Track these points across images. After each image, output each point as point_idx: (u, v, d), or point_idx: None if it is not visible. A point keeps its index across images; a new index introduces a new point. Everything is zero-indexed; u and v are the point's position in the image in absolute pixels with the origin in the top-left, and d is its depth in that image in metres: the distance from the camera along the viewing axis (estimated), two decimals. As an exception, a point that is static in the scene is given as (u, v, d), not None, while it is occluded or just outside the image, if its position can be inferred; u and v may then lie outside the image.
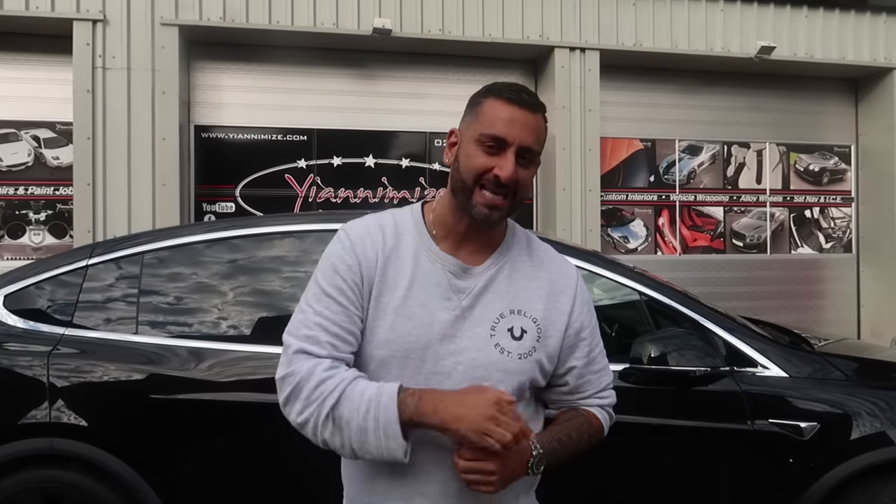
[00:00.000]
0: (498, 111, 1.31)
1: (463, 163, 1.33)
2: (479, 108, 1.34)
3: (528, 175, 1.34)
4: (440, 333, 1.31)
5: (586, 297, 1.46)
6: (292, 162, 6.06)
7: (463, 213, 1.35)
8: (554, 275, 1.43)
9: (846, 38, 6.75)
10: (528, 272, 1.41)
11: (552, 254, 1.48)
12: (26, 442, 2.48)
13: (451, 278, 1.35)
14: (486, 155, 1.30)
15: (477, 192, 1.32)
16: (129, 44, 5.46)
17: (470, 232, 1.37)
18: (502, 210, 1.33)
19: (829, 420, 2.45)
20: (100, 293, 2.68)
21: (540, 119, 1.34)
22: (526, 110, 1.31)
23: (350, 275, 1.33)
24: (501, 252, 1.40)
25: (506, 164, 1.29)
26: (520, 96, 1.32)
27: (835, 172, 7.25)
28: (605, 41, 6.24)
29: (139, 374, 2.54)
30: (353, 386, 1.26)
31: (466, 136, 1.34)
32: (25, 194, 5.66)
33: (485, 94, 1.35)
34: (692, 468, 2.50)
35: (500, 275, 1.38)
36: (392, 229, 1.39)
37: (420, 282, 1.34)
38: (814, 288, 7.15)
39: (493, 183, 1.30)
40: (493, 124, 1.30)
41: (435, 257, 1.36)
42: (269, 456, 2.47)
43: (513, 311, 1.36)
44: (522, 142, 1.31)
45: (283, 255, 2.78)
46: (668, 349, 2.37)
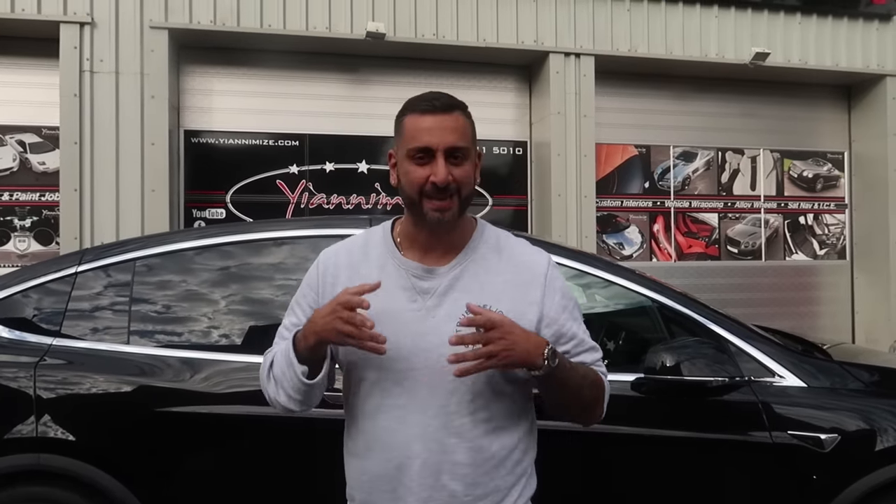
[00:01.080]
0: (416, 124, 1.40)
1: (403, 180, 1.43)
2: (402, 127, 1.44)
3: (464, 172, 1.42)
4: (409, 333, 1.39)
5: (559, 285, 1.49)
6: (284, 167, 5.97)
7: (421, 223, 1.44)
8: (520, 267, 1.47)
9: (839, 44, 6.76)
10: (494, 268, 1.46)
11: (521, 247, 1.53)
12: (12, 458, 2.37)
13: (416, 281, 1.43)
14: (419, 167, 1.40)
15: (425, 202, 1.40)
16: (118, 47, 5.37)
17: (432, 239, 1.46)
18: (452, 210, 1.41)
19: (851, 431, 2.38)
20: (89, 301, 2.58)
21: (457, 116, 1.42)
22: (440, 114, 1.40)
23: (310, 292, 1.50)
24: (466, 252, 1.47)
25: (438, 169, 1.38)
26: (431, 104, 1.41)
27: (828, 179, 7.26)
28: (600, 47, 6.22)
29: (130, 386, 2.44)
30: (279, 348, 1.47)
31: (400, 156, 1.45)
32: (10, 200, 5.53)
33: (402, 112, 1.45)
34: (708, 482, 2.43)
35: (465, 273, 1.44)
36: (361, 245, 1.52)
37: (386, 287, 1.40)
38: (808, 294, 7.15)
39: (434, 189, 1.39)
40: (415, 137, 1.40)
41: (399, 263, 1.46)
42: (265, 470, 2.38)
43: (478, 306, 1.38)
44: (447, 144, 1.39)
45: (278, 262, 2.70)
46: (682, 358, 2.30)
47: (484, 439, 1.40)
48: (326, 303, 1.37)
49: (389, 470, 1.40)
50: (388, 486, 1.41)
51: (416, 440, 1.39)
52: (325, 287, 1.48)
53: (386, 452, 1.41)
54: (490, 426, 1.41)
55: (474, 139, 1.47)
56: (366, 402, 1.44)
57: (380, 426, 1.42)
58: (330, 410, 1.91)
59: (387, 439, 1.41)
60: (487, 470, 1.40)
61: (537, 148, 6.33)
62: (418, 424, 1.39)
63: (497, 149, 6.35)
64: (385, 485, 1.41)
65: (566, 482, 2.26)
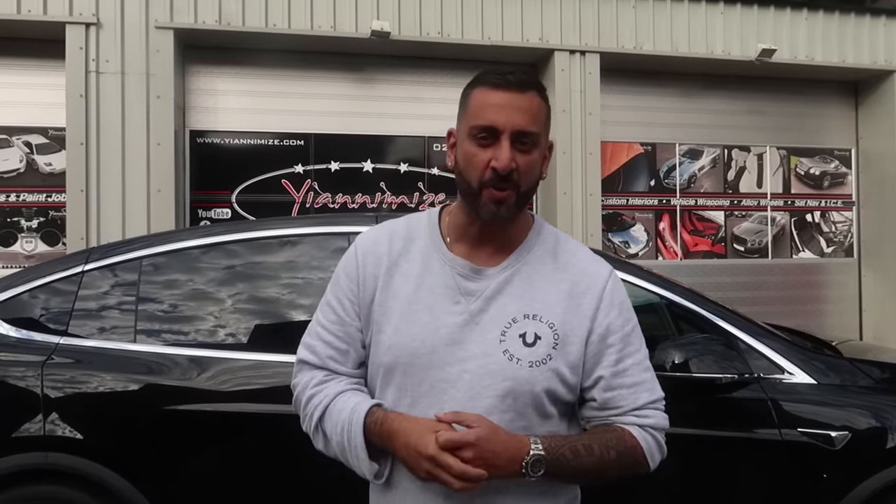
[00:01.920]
0: (485, 99, 1.24)
1: (462, 163, 1.27)
2: (468, 100, 1.27)
3: (529, 161, 1.25)
4: (447, 339, 1.24)
5: (617, 300, 1.31)
6: (289, 167, 5.97)
7: (474, 215, 1.28)
8: (578, 276, 1.31)
9: (846, 40, 6.73)
10: (549, 274, 1.30)
11: (581, 254, 1.36)
12: (20, 456, 2.38)
13: (461, 280, 1.28)
14: (481, 149, 1.23)
15: (484, 192, 1.24)
16: (123, 47, 5.36)
17: (484, 234, 1.30)
18: (509, 204, 1.24)
19: (862, 429, 2.37)
20: (96, 300, 2.58)
21: (533, 97, 1.25)
22: (513, 91, 1.23)
23: (349, 284, 1.33)
24: (520, 253, 1.31)
25: (501, 153, 1.21)
26: (505, 78, 1.23)
27: (836, 176, 7.22)
28: (606, 44, 6.20)
29: (137, 385, 2.45)
30: (334, 402, 1.28)
31: (461, 134, 1.28)
32: (17, 201, 5.54)
33: (472, 84, 1.28)
34: (717, 479, 2.42)
35: (517, 276, 1.28)
36: (403, 234, 1.35)
37: (428, 285, 1.28)
38: (815, 292, 7.11)
39: (493, 176, 1.22)
40: (482, 114, 1.23)
41: (444, 259, 1.30)
42: (273, 468, 2.38)
43: (527, 316, 1.26)
44: (515, 126, 1.22)
45: (284, 260, 2.70)
46: (691, 355, 2.29)
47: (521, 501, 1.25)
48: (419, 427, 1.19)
49: (413, 489, 1.25)
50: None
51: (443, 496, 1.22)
52: (367, 279, 1.32)
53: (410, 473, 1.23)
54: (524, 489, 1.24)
55: (548, 126, 1.29)
56: None
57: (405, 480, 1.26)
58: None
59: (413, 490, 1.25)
60: (526, 498, 1.25)
61: (543, 146, 6.30)
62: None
63: (502, 147, 6.33)
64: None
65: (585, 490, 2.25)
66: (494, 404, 1.22)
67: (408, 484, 1.26)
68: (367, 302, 1.32)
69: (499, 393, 1.22)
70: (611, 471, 1.27)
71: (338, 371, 1.33)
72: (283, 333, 2.52)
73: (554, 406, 1.27)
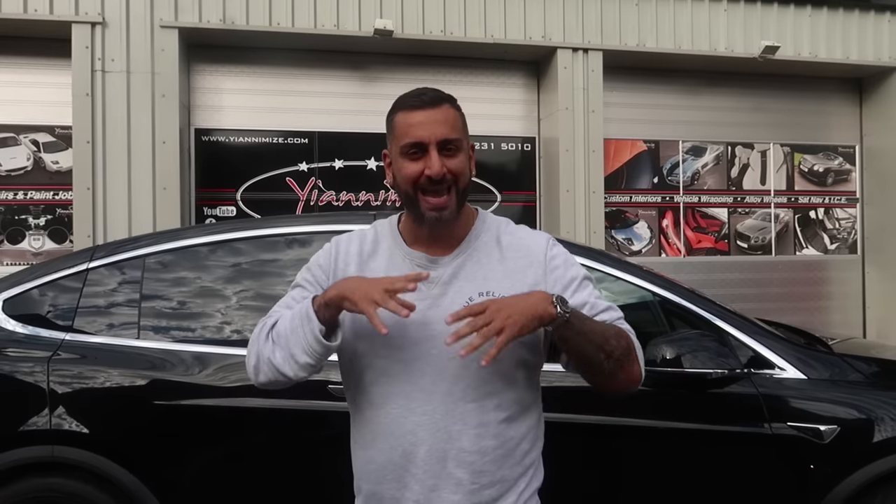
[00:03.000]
0: (406, 120, 1.41)
1: (398, 177, 1.44)
2: (393, 125, 1.45)
3: (459, 163, 1.42)
4: (415, 321, 1.37)
5: (559, 260, 1.48)
6: (294, 165, 6.02)
7: (420, 220, 1.45)
8: (520, 251, 1.48)
9: (850, 37, 6.71)
10: (495, 255, 1.47)
11: (521, 233, 1.53)
12: (26, 450, 2.43)
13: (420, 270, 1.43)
14: (413, 162, 1.41)
15: (421, 199, 1.41)
16: (129, 47, 5.42)
17: (434, 233, 1.47)
18: (450, 207, 1.42)
19: (850, 423, 2.40)
20: (101, 297, 2.63)
21: (446, 109, 1.43)
22: (428, 108, 1.41)
23: (320, 273, 1.51)
24: (469, 241, 1.48)
25: (432, 161, 1.39)
26: (419, 99, 1.42)
27: (839, 173, 7.21)
28: (608, 42, 6.21)
29: (142, 380, 2.49)
30: (284, 312, 1.44)
31: (393, 154, 1.45)
32: (25, 199, 5.61)
33: (392, 111, 1.46)
34: (708, 472, 2.45)
35: (468, 262, 1.46)
36: (371, 238, 1.53)
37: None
38: (819, 289, 7.11)
39: (429, 182, 1.39)
40: (407, 133, 1.41)
41: (405, 255, 1.48)
42: (275, 462, 2.42)
43: (481, 293, 1.41)
44: (438, 136, 1.40)
45: (287, 258, 2.74)
46: (682, 351, 2.32)
47: (491, 427, 1.40)
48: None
49: (395, 458, 1.41)
50: (394, 475, 1.41)
51: (422, 427, 1.39)
52: (338, 272, 1.49)
53: (391, 440, 1.41)
54: (498, 414, 1.40)
55: (466, 131, 1.47)
56: (371, 392, 1.44)
57: (385, 414, 1.42)
58: (338, 403, 1.94)
59: (392, 427, 1.41)
60: (494, 458, 1.40)
61: (546, 144, 6.34)
62: (424, 412, 1.39)
63: (505, 145, 6.37)
64: (391, 473, 1.41)
65: (567, 473, 2.29)
66: (460, 374, 1.39)
67: (389, 454, 1.41)
68: None
69: (463, 363, 1.35)
70: (612, 343, 1.38)
71: None
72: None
73: (519, 370, 1.43)
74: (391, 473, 1.42)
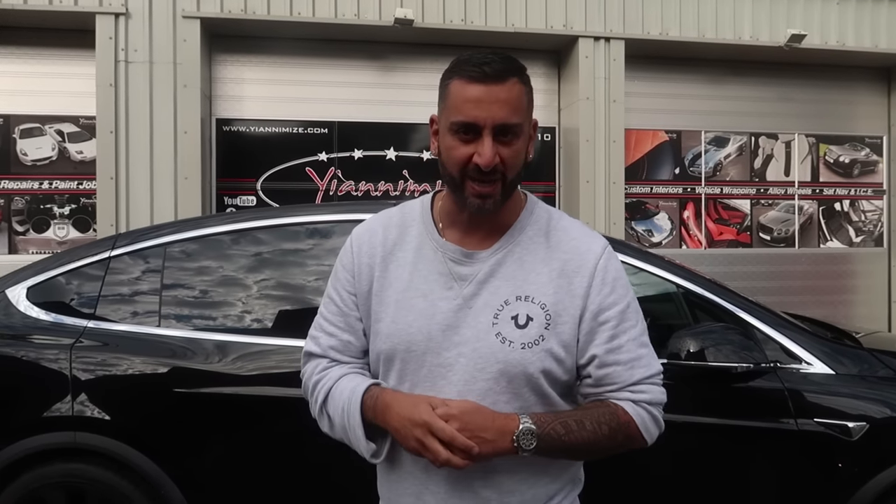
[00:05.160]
0: (463, 93, 1.20)
1: (444, 156, 1.26)
2: (447, 92, 1.24)
3: (514, 152, 1.23)
4: (442, 324, 1.26)
5: (611, 277, 1.29)
6: (313, 155, 6.02)
7: (462, 204, 1.28)
8: (570, 254, 1.29)
9: (879, 25, 6.57)
10: (541, 254, 1.29)
11: (574, 231, 1.33)
12: (49, 436, 2.46)
13: (453, 266, 1.28)
14: (462, 144, 1.21)
15: (467, 184, 1.23)
16: (151, 37, 5.45)
17: (474, 219, 1.29)
18: (495, 198, 1.24)
19: (880, 420, 2.35)
20: (122, 285, 2.65)
21: (513, 86, 1.21)
22: (492, 83, 1.19)
23: (346, 276, 1.36)
24: (512, 234, 1.30)
25: (484, 149, 1.19)
26: (482, 70, 1.20)
27: (866, 164, 7.08)
28: (631, 30, 6.13)
29: (163, 368, 2.51)
30: (337, 385, 1.32)
31: (442, 126, 1.26)
32: (50, 188, 5.67)
33: (449, 74, 1.25)
34: (731, 469, 2.42)
35: (509, 258, 1.28)
36: (397, 223, 1.37)
37: (422, 272, 1.30)
38: (843, 283, 7.00)
39: (477, 171, 1.21)
40: (461, 110, 1.20)
41: (437, 246, 1.31)
42: (295, 451, 2.43)
43: (519, 298, 1.25)
44: (496, 120, 1.20)
45: (309, 247, 2.74)
46: (706, 344, 2.28)
47: None
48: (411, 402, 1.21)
49: (416, 471, 1.28)
50: (413, 490, 1.29)
51: None
52: (362, 269, 1.34)
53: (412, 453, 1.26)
54: None
55: (530, 109, 1.27)
56: None
57: None
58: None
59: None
60: (525, 477, 1.27)
61: (566, 134, 6.28)
62: None
63: (526, 135, 6.32)
64: (410, 487, 1.29)
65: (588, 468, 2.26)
66: (490, 387, 1.24)
67: (410, 467, 1.29)
68: (365, 292, 1.34)
69: (493, 375, 1.24)
70: (604, 446, 1.26)
71: (340, 360, 1.37)
72: (306, 319, 2.54)
73: (552, 387, 1.28)
74: (410, 486, 1.30)
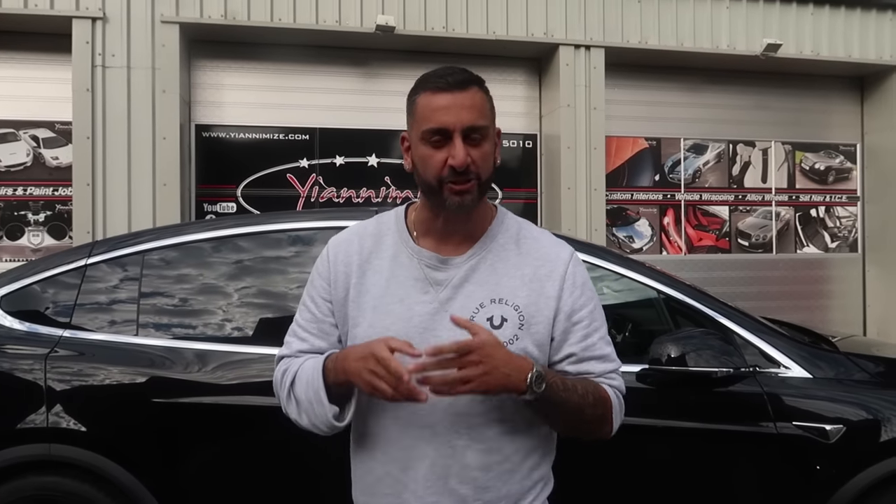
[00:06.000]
0: (431, 103, 1.31)
1: (420, 166, 1.34)
2: (415, 106, 1.34)
3: (483, 153, 1.32)
4: (420, 327, 1.32)
5: (580, 281, 1.40)
6: (294, 161, 5.99)
7: (438, 209, 1.36)
8: (540, 260, 1.39)
9: (852, 35, 6.69)
10: (513, 260, 1.38)
11: (544, 239, 1.44)
12: (23, 448, 2.40)
13: (429, 271, 1.36)
14: (435, 150, 1.31)
15: (445, 189, 1.32)
16: (129, 42, 5.39)
17: (449, 226, 1.37)
18: (473, 193, 1.32)
19: (856, 423, 2.38)
20: (99, 293, 2.61)
21: (475, 92, 1.32)
22: (455, 91, 1.30)
23: (322, 283, 1.42)
24: (484, 242, 1.39)
25: (456, 151, 1.29)
26: (445, 80, 1.31)
27: (840, 171, 7.19)
28: (611, 39, 6.19)
29: (140, 377, 2.47)
30: (303, 366, 1.37)
31: (413, 139, 1.35)
32: (24, 195, 5.59)
33: (414, 91, 1.36)
34: (712, 472, 2.43)
35: (482, 264, 1.36)
36: (372, 232, 1.43)
37: (398, 278, 1.36)
38: (819, 288, 7.10)
39: (452, 173, 1.30)
40: (431, 118, 1.30)
41: (412, 253, 1.38)
42: (275, 461, 2.40)
43: (493, 301, 1.33)
44: (464, 123, 1.30)
45: (289, 254, 2.72)
46: (687, 349, 2.30)
47: (497, 441, 1.32)
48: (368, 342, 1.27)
49: (394, 471, 1.34)
50: (392, 490, 1.34)
51: (424, 441, 1.32)
52: (338, 277, 1.40)
53: (391, 453, 1.34)
54: (504, 427, 1.33)
55: (493, 115, 1.37)
56: (371, 400, 1.33)
57: (386, 426, 1.35)
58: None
59: (393, 439, 1.34)
60: (499, 474, 1.33)
61: (547, 141, 6.31)
62: (425, 424, 1.31)
63: (507, 142, 6.34)
64: (388, 488, 1.34)
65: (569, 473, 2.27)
66: None
67: (388, 466, 1.35)
68: (341, 299, 1.40)
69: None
70: (587, 415, 1.34)
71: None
72: (287, 327, 2.53)
73: None
74: (389, 488, 1.34)
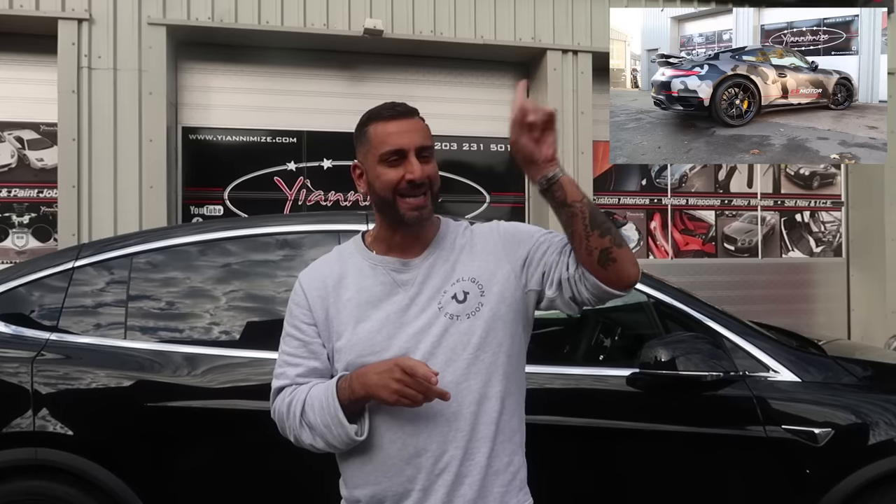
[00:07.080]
0: (386, 129, 1.49)
1: (377, 184, 1.50)
2: (368, 135, 1.52)
3: (433, 168, 1.51)
4: (397, 322, 1.47)
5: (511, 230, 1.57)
6: (281, 164, 5.97)
7: (396, 225, 1.51)
8: (477, 238, 1.57)
9: (837, 42, 6.75)
10: (464, 250, 1.55)
11: (481, 227, 1.62)
12: (9, 452, 2.38)
13: (394, 275, 1.51)
14: (392, 168, 1.47)
15: (399, 202, 1.47)
16: (116, 43, 5.36)
17: (407, 239, 1.53)
18: (428, 206, 1.49)
19: (845, 426, 2.40)
20: (87, 296, 2.59)
21: (418, 121, 1.53)
22: (403, 119, 1.50)
23: (301, 311, 1.55)
24: (436, 243, 1.55)
25: (413, 167, 1.46)
26: (394, 110, 1.51)
27: (825, 177, 7.27)
28: (598, 44, 6.21)
29: (128, 381, 2.45)
30: (310, 393, 1.48)
31: (369, 163, 1.52)
32: (9, 197, 5.53)
33: (366, 122, 1.53)
34: (702, 476, 2.45)
35: (438, 261, 1.53)
36: (337, 259, 1.59)
37: (369, 288, 1.51)
38: (804, 292, 7.16)
39: (409, 186, 1.46)
40: (386, 142, 1.48)
41: (375, 263, 1.53)
42: (263, 465, 2.39)
43: (453, 282, 1.50)
44: (416, 143, 1.48)
45: (277, 258, 2.71)
46: (677, 353, 2.31)
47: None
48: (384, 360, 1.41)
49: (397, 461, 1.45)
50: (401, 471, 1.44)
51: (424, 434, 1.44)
52: (315, 301, 1.53)
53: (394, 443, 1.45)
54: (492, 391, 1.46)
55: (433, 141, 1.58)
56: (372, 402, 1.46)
57: (379, 419, 1.46)
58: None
59: (389, 430, 1.45)
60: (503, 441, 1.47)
61: (535, 145, 6.31)
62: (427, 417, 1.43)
63: (494, 146, 6.36)
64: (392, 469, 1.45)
65: (559, 477, 2.27)
66: (451, 357, 1.45)
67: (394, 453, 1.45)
68: (323, 319, 1.53)
69: (451, 346, 1.45)
70: (604, 226, 1.43)
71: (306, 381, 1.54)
72: (276, 330, 2.52)
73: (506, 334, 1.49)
74: (392, 469, 1.45)
